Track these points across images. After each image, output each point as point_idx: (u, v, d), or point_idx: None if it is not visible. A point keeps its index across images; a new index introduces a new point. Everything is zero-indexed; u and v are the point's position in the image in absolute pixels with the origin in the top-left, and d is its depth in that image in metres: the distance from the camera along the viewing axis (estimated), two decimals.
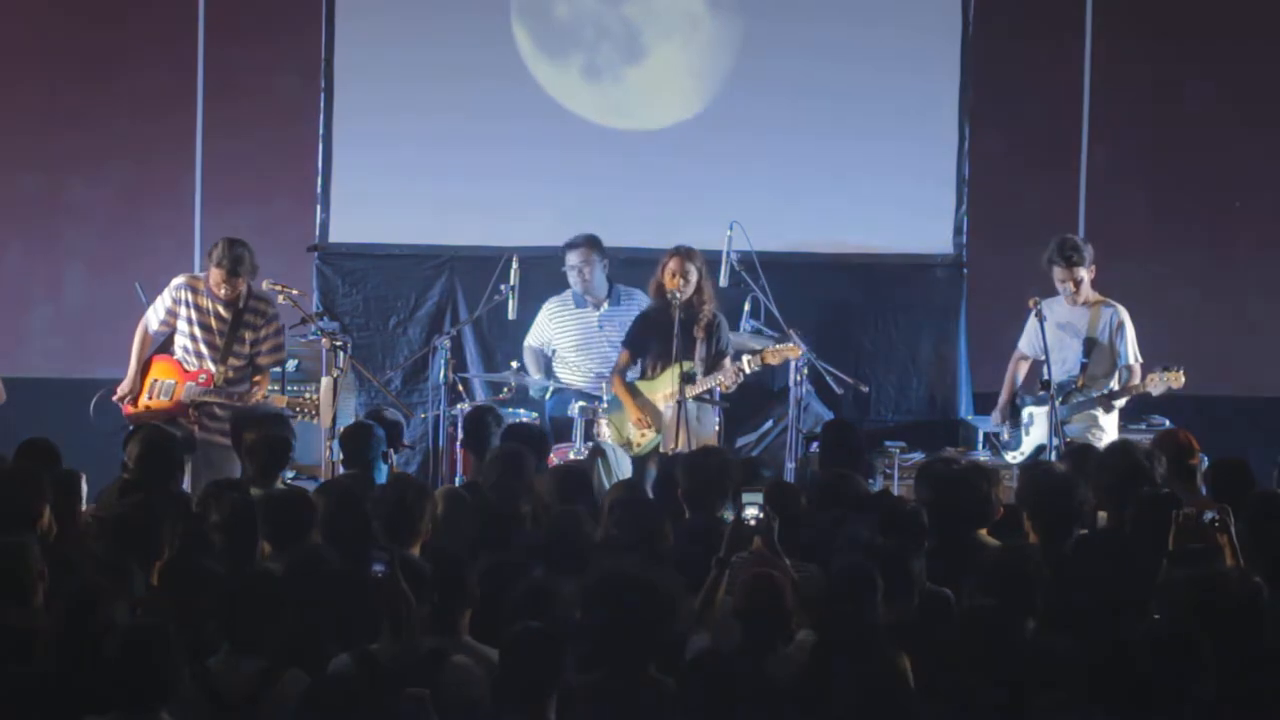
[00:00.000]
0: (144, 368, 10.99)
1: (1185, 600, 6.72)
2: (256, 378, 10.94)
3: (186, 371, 10.90)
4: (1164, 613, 6.72)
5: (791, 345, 11.16)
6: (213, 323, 10.93)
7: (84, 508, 8.55)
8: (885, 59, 12.93)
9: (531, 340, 12.03)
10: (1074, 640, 6.57)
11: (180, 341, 10.97)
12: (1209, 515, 7.58)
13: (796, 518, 8.03)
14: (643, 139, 12.96)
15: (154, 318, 11.02)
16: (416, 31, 12.94)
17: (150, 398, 10.92)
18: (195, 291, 10.97)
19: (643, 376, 11.41)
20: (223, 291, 10.86)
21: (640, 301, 11.73)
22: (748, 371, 11.10)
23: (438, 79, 12.93)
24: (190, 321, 10.93)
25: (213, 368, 10.89)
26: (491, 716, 6.34)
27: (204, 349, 10.93)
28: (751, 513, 7.39)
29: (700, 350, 11.28)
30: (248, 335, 10.95)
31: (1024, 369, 11.64)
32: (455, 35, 12.95)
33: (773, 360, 11.16)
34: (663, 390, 11.25)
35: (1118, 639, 6.39)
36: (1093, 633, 6.80)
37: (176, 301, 10.97)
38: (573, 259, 11.89)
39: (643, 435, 11.21)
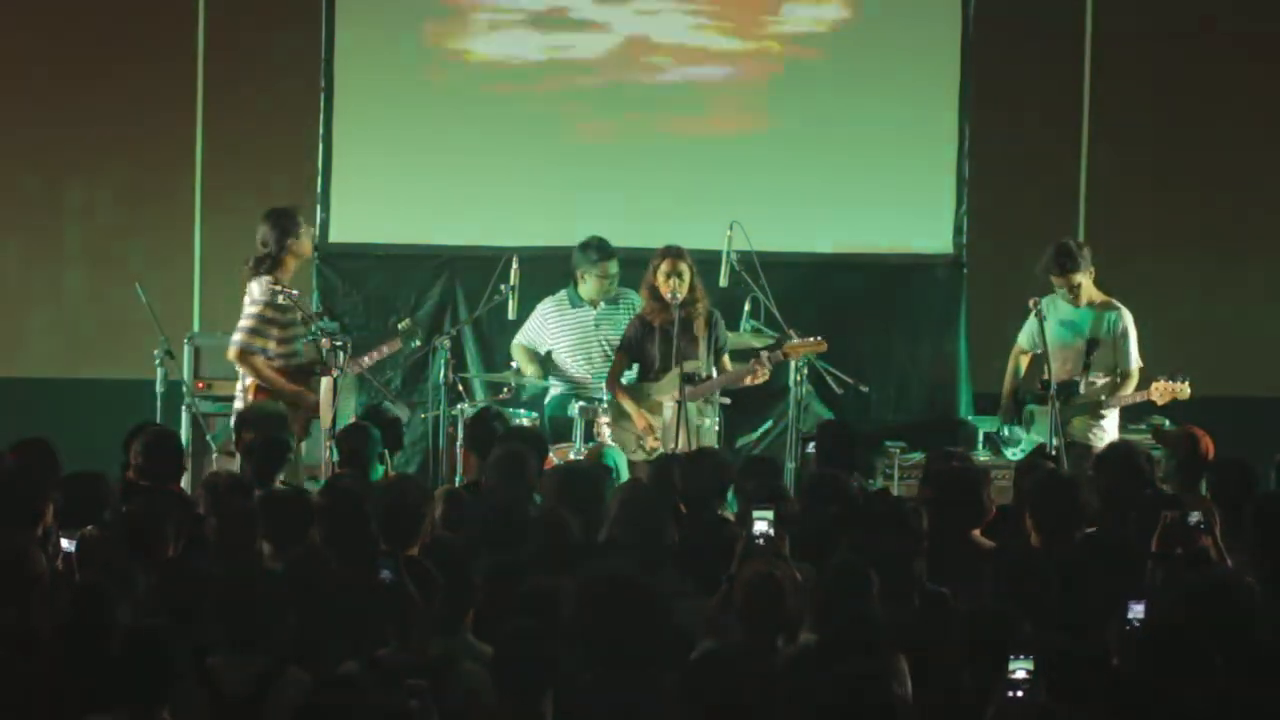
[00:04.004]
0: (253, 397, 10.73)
1: (1177, 602, 6.74)
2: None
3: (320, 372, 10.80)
4: (1154, 614, 6.72)
5: (817, 340, 11.14)
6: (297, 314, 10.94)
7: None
8: (885, 58, 12.93)
9: (521, 339, 12.01)
10: (1074, 640, 6.58)
11: (280, 349, 10.76)
12: (1194, 517, 7.59)
13: (790, 518, 8.03)
14: (643, 139, 12.96)
15: (266, 342, 10.69)
16: (417, 31, 12.95)
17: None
18: (287, 290, 10.86)
19: (643, 379, 11.40)
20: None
21: (634, 301, 11.72)
22: (769, 367, 11.12)
23: (438, 79, 12.94)
24: (301, 323, 10.82)
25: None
26: (493, 716, 6.35)
27: (303, 345, 10.90)
28: (762, 528, 7.36)
29: (702, 349, 11.28)
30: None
31: (1025, 363, 11.64)
32: (456, 35, 12.95)
33: (794, 355, 11.14)
34: (669, 393, 11.23)
35: (1116, 640, 6.42)
36: (1094, 634, 6.81)
37: (284, 309, 10.74)
38: (613, 268, 11.85)
39: (655, 443, 11.16)
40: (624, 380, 11.43)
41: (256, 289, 10.79)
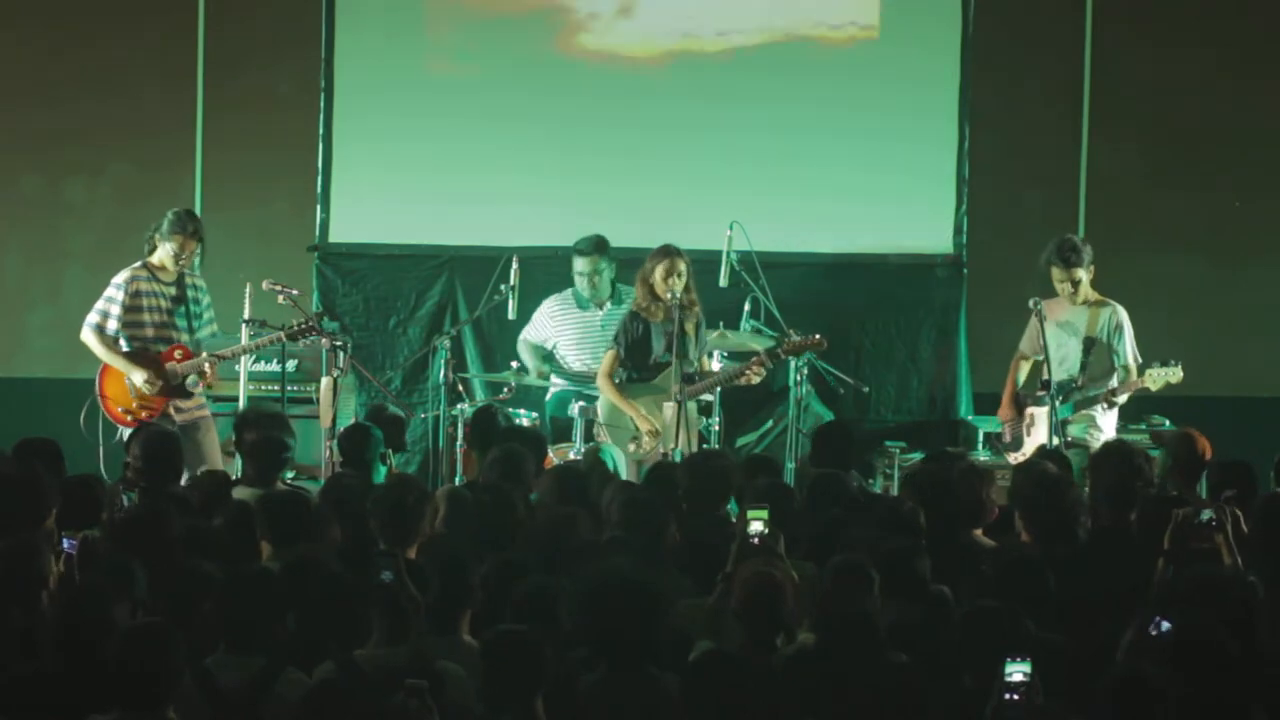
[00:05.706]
0: (103, 377, 11.05)
1: (1182, 600, 6.74)
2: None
3: (161, 355, 10.93)
4: (1161, 613, 6.71)
5: (816, 338, 11.09)
6: (167, 304, 11.05)
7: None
8: (885, 59, 12.93)
9: (529, 335, 11.99)
10: (1075, 641, 6.58)
11: (134, 332, 11.02)
12: (1206, 515, 7.58)
13: (791, 517, 8.03)
14: (643, 139, 12.95)
15: (111, 322, 11.03)
16: (417, 31, 12.95)
17: (135, 397, 10.95)
18: (152, 279, 11.02)
19: (637, 379, 11.32)
20: (184, 263, 10.97)
21: None
22: (769, 367, 11.09)
23: (438, 78, 12.94)
24: (154, 310, 11.02)
25: (185, 337, 11.01)
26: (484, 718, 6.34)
27: (169, 332, 11.02)
28: (757, 528, 7.35)
29: (693, 348, 11.25)
30: (193, 309, 11.05)
31: (1025, 369, 11.64)
32: (456, 35, 12.96)
33: (795, 354, 11.11)
34: (668, 392, 11.16)
35: (1119, 639, 6.41)
36: (1095, 633, 6.81)
37: (137, 294, 11.00)
38: (582, 266, 11.88)
39: (651, 443, 11.07)
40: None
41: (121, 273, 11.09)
